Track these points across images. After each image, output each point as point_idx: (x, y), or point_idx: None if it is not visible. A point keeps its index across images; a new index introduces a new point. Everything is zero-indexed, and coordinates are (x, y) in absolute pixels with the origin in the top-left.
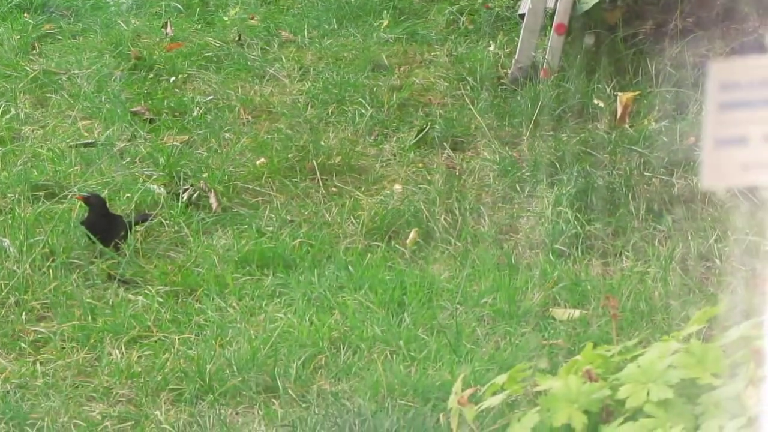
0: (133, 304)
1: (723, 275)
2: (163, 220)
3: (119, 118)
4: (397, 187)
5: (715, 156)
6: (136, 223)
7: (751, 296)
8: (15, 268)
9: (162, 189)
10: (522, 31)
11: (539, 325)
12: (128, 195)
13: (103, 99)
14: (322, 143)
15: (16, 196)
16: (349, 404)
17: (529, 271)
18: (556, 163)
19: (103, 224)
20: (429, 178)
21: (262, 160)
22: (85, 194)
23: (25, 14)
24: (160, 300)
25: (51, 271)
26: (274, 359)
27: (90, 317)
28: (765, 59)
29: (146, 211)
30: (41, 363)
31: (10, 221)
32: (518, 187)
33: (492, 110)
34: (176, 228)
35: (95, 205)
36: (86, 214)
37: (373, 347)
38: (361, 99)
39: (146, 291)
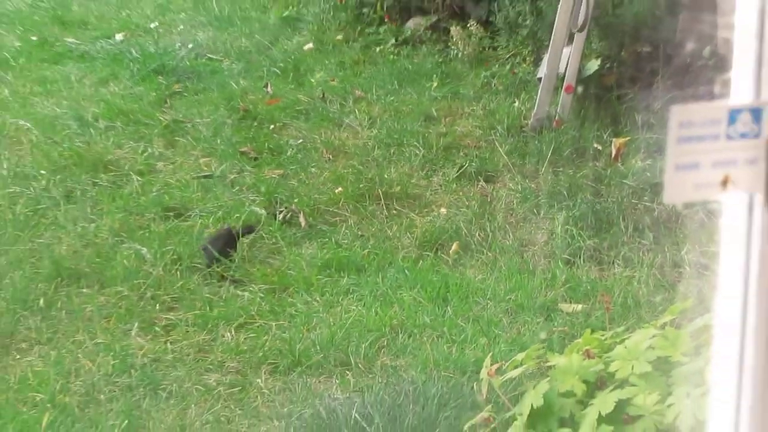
0: (240, 298)
1: (690, 278)
2: (263, 235)
3: (230, 156)
4: (443, 210)
5: (675, 178)
6: (242, 234)
7: (711, 294)
8: (151, 270)
9: (263, 211)
10: (539, 90)
11: (550, 316)
12: (237, 215)
13: (218, 142)
14: (386, 176)
15: (152, 215)
16: (405, 375)
17: (543, 275)
18: (565, 192)
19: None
20: (467, 203)
21: (340, 189)
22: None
23: (159, 77)
24: (261, 295)
25: (178, 272)
26: (348, 341)
27: (208, 308)
28: (711, 105)
29: (250, 224)
30: (170, 342)
31: (147, 234)
32: (535, 211)
33: (516, 152)
34: (274, 240)
35: (225, 234)
36: (208, 236)
37: (423, 332)
38: (415, 142)
39: (251, 288)
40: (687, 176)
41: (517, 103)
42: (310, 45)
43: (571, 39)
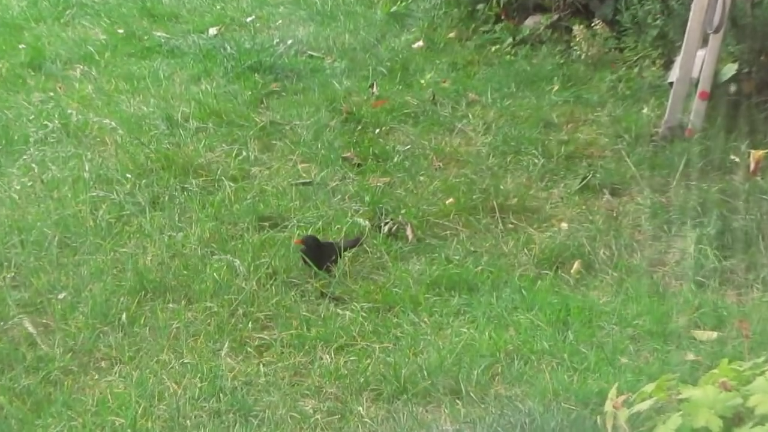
0: (341, 318)
1: None
2: (367, 248)
3: (332, 162)
4: (564, 225)
5: None
6: (346, 249)
7: None
8: (243, 284)
9: (366, 222)
10: (671, 96)
11: (682, 343)
12: (338, 226)
13: (319, 146)
14: (501, 187)
15: (246, 224)
16: (521, 406)
17: (674, 298)
18: (698, 208)
19: (317, 252)
20: (590, 218)
21: (451, 200)
22: (301, 237)
23: (256, 74)
24: (364, 314)
25: (273, 288)
26: (458, 366)
27: (305, 327)
28: None
29: (356, 236)
30: (263, 365)
31: (240, 245)
32: (666, 228)
33: (644, 162)
34: (378, 255)
35: (310, 244)
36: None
37: (541, 359)
38: (534, 151)
39: (352, 307)
40: None
41: (645, 110)
42: (420, 43)
43: (705, 41)
